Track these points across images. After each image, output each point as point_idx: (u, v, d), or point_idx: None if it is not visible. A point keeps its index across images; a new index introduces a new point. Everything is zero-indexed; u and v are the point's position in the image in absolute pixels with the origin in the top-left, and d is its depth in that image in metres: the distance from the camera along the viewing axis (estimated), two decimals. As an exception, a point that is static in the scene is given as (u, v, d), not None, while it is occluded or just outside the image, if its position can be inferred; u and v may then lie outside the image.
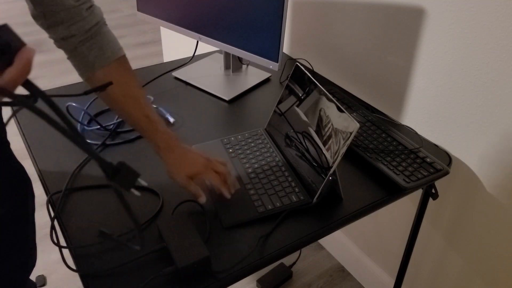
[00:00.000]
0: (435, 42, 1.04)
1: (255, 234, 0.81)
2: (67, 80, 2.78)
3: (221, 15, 1.19)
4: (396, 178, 0.93)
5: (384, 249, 1.44)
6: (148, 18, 1.37)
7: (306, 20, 1.43)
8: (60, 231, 0.82)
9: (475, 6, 0.93)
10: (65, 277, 1.58)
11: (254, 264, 0.76)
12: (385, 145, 1.03)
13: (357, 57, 1.29)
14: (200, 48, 1.69)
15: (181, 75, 1.32)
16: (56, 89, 1.23)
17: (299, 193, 0.89)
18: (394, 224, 1.35)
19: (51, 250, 1.69)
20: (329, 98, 0.87)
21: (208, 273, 0.73)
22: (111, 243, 0.77)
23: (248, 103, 1.22)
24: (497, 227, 1.04)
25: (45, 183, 0.91)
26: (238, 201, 0.87)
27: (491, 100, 0.96)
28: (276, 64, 1.13)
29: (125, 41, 3.41)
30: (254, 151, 0.99)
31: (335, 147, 0.83)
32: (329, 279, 1.60)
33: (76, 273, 0.76)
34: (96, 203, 0.86)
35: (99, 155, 0.48)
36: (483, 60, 0.95)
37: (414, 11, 1.07)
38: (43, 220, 1.83)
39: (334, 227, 0.85)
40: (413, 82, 1.14)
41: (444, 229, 1.18)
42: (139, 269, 0.74)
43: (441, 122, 1.10)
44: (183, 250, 0.73)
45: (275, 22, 1.09)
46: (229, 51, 1.23)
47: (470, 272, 1.15)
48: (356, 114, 1.14)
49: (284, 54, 1.53)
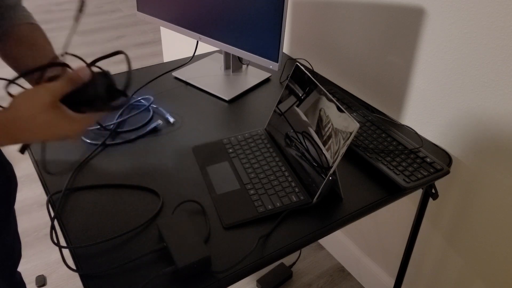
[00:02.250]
0: (435, 42, 1.04)
1: (255, 234, 0.81)
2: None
3: (221, 15, 1.19)
4: (396, 178, 0.93)
5: (384, 249, 1.44)
6: (148, 18, 1.37)
7: (306, 20, 1.43)
8: (60, 231, 0.82)
9: (475, 6, 0.93)
10: (65, 277, 1.58)
11: (254, 264, 0.76)
12: (385, 145, 1.03)
13: (357, 57, 1.29)
14: (200, 48, 1.69)
15: (181, 75, 1.32)
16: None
17: (299, 193, 0.89)
18: (394, 224, 1.35)
19: (51, 250, 1.69)
20: (329, 98, 0.87)
21: (208, 273, 0.73)
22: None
23: (248, 103, 1.22)
24: (497, 227, 1.04)
25: (45, 183, 0.91)
26: (238, 201, 0.87)
27: (491, 100, 0.96)
28: (276, 64, 1.13)
29: (125, 41, 3.41)
30: (254, 151, 0.99)
31: (335, 147, 0.83)
32: (329, 279, 1.60)
33: (76, 273, 0.76)
34: (96, 203, 0.86)
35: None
36: (483, 60, 0.95)
37: (414, 11, 1.07)
38: (43, 220, 1.83)
39: (334, 227, 0.85)
40: (413, 82, 1.14)
41: (444, 229, 1.18)
42: (139, 269, 0.74)
43: (441, 122, 1.10)
44: (183, 250, 0.73)
45: (275, 22, 1.09)
46: (229, 51, 1.23)
47: (470, 272, 1.15)
48: (356, 114, 1.14)
49: (284, 54, 1.53)
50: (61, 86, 0.58)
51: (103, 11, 3.93)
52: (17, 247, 1.03)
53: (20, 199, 1.93)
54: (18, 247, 1.04)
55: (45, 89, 0.57)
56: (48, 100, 0.56)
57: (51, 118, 0.57)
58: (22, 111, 0.56)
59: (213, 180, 0.92)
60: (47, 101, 0.56)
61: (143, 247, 0.77)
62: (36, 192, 1.98)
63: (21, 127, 0.56)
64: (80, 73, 0.59)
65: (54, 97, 0.57)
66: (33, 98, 0.56)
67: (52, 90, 0.57)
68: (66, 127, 0.59)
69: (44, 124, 0.56)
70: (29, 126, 0.56)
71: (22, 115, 0.56)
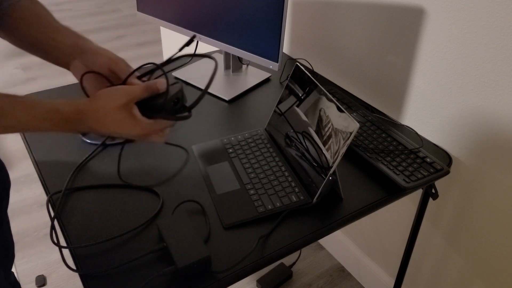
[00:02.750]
0: (435, 42, 1.04)
1: (255, 234, 0.81)
2: (66, 80, 2.78)
3: (221, 15, 1.19)
4: (396, 178, 0.93)
5: (384, 249, 1.44)
6: (148, 18, 1.37)
7: (306, 20, 1.43)
8: (60, 231, 0.82)
9: (475, 6, 0.93)
10: (65, 277, 1.59)
11: (254, 264, 0.76)
12: (385, 145, 1.03)
13: (357, 57, 1.29)
14: (200, 48, 1.69)
15: (181, 75, 1.32)
16: (56, 89, 1.23)
17: (299, 193, 0.89)
18: (394, 224, 1.35)
19: (51, 250, 1.69)
20: (329, 98, 0.87)
21: (208, 273, 0.73)
22: None
23: (248, 103, 1.22)
24: (497, 227, 1.04)
25: (45, 183, 0.91)
26: (238, 201, 0.87)
27: (491, 100, 0.96)
28: (276, 64, 1.13)
29: (125, 41, 3.41)
30: (254, 151, 0.99)
31: (335, 147, 0.83)
32: (329, 279, 1.60)
33: (76, 273, 0.76)
34: (96, 203, 0.86)
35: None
36: (483, 60, 0.95)
37: (414, 11, 1.07)
38: (43, 220, 1.83)
39: (334, 227, 0.85)
40: (413, 82, 1.14)
41: (444, 229, 1.18)
42: (139, 269, 0.74)
43: (441, 122, 1.10)
44: (183, 250, 0.73)
45: (275, 22, 1.09)
46: (229, 51, 1.23)
47: (470, 272, 1.15)
48: (356, 114, 1.14)
49: (284, 54, 1.53)
50: (139, 91, 0.66)
51: (103, 11, 3.93)
52: (11, 245, 1.03)
53: (20, 199, 1.93)
54: (12, 245, 1.04)
55: (124, 91, 0.66)
56: (124, 101, 0.65)
57: (122, 117, 0.65)
58: (100, 104, 0.64)
59: (213, 180, 0.92)
60: (123, 102, 0.65)
61: (143, 247, 0.77)
62: (36, 192, 1.98)
63: (94, 118, 0.64)
64: (158, 84, 0.68)
65: (130, 100, 0.65)
66: (113, 95, 0.65)
67: (130, 94, 0.65)
68: (130, 127, 0.67)
69: (114, 120, 0.65)
70: (101, 118, 0.64)
71: (100, 108, 0.64)
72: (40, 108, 0.63)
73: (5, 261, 0.97)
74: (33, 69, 2.95)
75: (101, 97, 0.65)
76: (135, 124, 0.67)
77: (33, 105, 0.63)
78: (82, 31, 0.82)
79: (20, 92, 0.62)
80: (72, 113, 0.64)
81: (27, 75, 2.88)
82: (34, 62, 3.01)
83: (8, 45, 0.83)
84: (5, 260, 0.97)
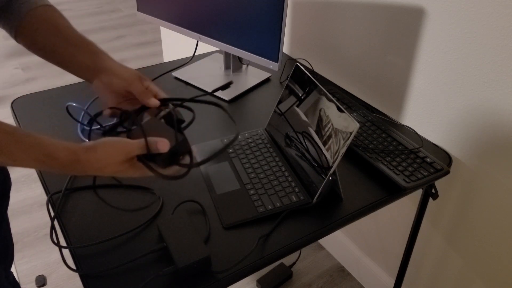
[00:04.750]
0: (435, 42, 1.05)
1: (255, 234, 0.81)
2: (66, 80, 2.78)
3: (221, 15, 1.19)
4: (396, 178, 0.93)
5: (384, 249, 1.44)
6: (148, 18, 1.37)
7: (306, 20, 1.43)
8: (60, 231, 0.82)
9: (475, 6, 0.93)
10: (65, 277, 1.58)
11: (254, 264, 0.76)
12: (385, 145, 1.03)
13: (357, 57, 1.29)
14: (200, 48, 1.69)
15: (181, 75, 1.32)
16: (56, 89, 1.23)
17: (299, 193, 0.89)
18: (394, 224, 1.35)
19: (51, 250, 1.69)
20: (329, 98, 0.87)
21: (208, 273, 0.73)
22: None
23: (248, 103, 1.22)
24: (497, 227, 1.04)
25: (45, 183, 0.91)
26: (238, 201, 0.87)
27: (491, 100, 0.96)
28: (276, 64, 1.13)
29: (125, 41, 3.41)
30: (254, 151, 0.99)
31: (335, 147, 0.83)
32: (329, 279, 1.60)
33: (76, 273, 0.76)
34: (96, 203, 0.86)
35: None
36: (483, 60, 0.95)
37: (414, 11, 1.07)
38: (43, 220, 1.83)
39: (334, 227, 0.85)
40: (413, 82, 1.14)
41: (444, 229, 1.18)
42: (139, 269, 0.74)
43: (441, 122, 1.10)
44: (183, 250, 0.73)
45: (275, 22, 1.09)
46: (229, 51, 1.23)
47: (470, 272, 1.15)
48: (356, 114, 1.14)
49: (284, 54, 1.53)
50: (137, 149, 0.66)
51: (103, 11, 3.93)
52: (11, 245, 1.03)
53: (20, 199, 1.93)
54: (12, 245, 1.04)
55: (123, 148, 0.65)
56: (122, 158, 0.65)
57: (119, 169, 0.66)
58: (98, 158, 0.64)
59: (213, 180, 0.92)
60: (121, 159, 0.65)
61: (143, 247, 0.77)
62: (36, 192, 1.98)
63: (92, 168, 0.64)
64: (159, 145, 0.66)
65: (128, 157, 0.65)
66: (111, 152, 0.65)
67: (129, 152, 0.65)
68: (131, 174, 0.68)
69: (112, 171, 0.66)
70: (99, 170, 0.65)
71: (97, 161, 0.64)
72: (38, 151, 0.62)
73: (5, 261, 0.98)
74: (33, 69, 2.95)
75: (98, 150, 0.64)
76: (134, 171, 0.67)
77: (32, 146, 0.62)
78: (82, 31, 0.82)
79: (20, 92, 0.62)
80: (70, 162, 0.63)
81: (27, 75, 2.88)
82: (34, 62, 3.01)
83: (8, 45, 0.82)
84: (5, 260, 0.98)
